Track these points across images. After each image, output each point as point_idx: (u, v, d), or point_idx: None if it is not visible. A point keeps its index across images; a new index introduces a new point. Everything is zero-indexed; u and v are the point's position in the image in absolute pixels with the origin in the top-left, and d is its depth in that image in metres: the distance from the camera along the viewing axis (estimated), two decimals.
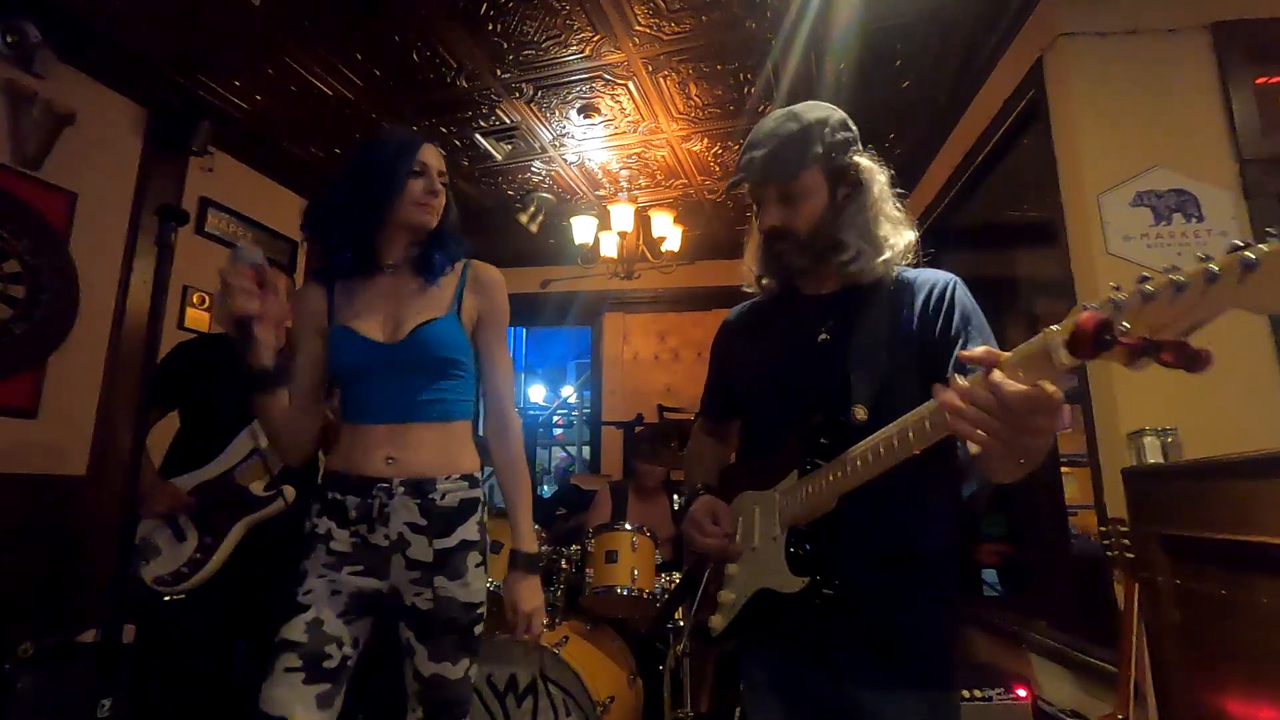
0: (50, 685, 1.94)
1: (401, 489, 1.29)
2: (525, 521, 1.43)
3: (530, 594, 1.40)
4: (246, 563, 1.87)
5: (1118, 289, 0.62)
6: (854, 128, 1.16)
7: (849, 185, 1.12)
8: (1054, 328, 0.68)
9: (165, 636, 1.90)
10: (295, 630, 1.23)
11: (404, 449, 1.31)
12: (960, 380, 0.76)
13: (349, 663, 1.27)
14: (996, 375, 0.72)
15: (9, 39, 2.39)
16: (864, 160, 1.13)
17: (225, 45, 2.71)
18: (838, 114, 1.14)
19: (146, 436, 1.83)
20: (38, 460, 2.48)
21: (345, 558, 1.29)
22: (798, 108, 1.14)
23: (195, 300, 3.10)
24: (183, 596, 1.80)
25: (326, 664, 1.23)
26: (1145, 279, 0.61)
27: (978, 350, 0.75)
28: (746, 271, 1.26)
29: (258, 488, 1.88)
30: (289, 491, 1.89)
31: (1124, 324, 0.61)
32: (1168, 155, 2.03)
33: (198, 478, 1.90)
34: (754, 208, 1.21)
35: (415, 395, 1.34)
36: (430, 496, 1.30)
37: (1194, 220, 1.97)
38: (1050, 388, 0.70)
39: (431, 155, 1.39)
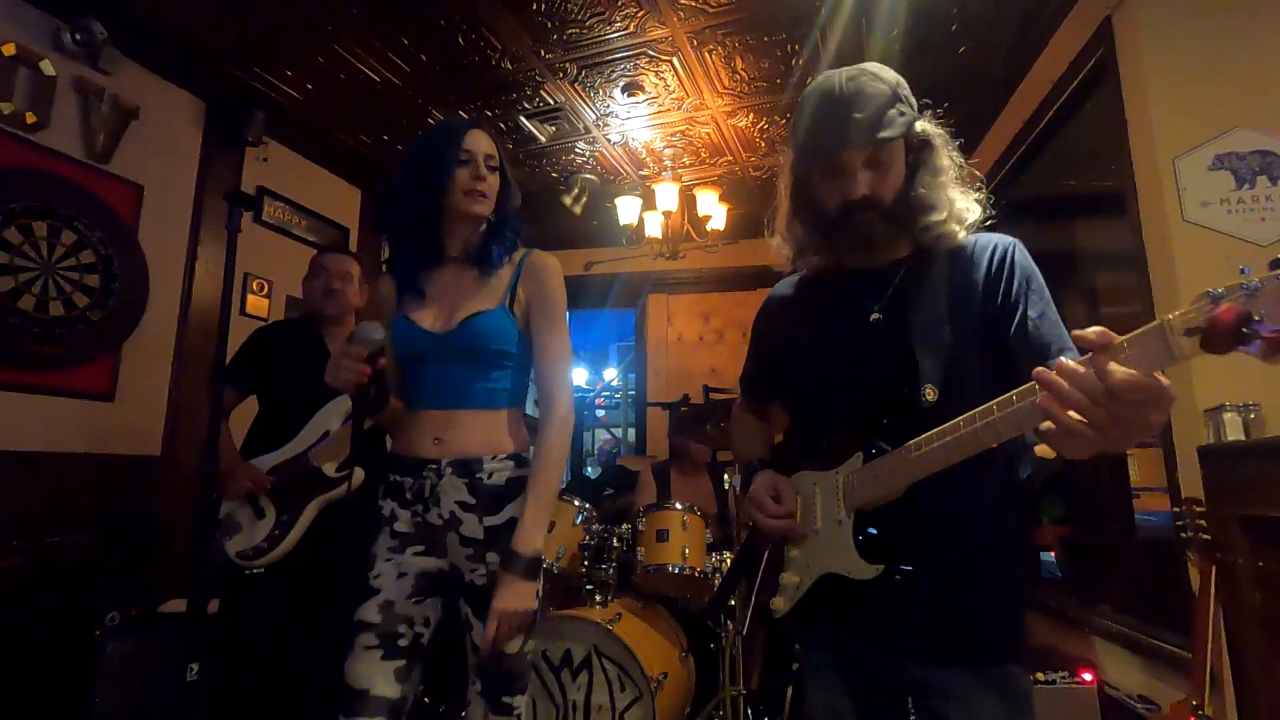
0: (137, 652, 2.06)
1: (450, 469, 1.33)
2: (533, 517, 1.28)
3: (516, 595, 1.23)
4: (321, 540, 1.95)
5: (1246, 272, 0.58)
6: None
7: (918, 150, 1.07)
8: (1172, 315, 0.64)
9: (247, 607, 2.00)
10: (369, 612, 1.31)
11: (451, 431, 1.35)
12: (1068, 362, 0.71)
13: (422, 640, 1.34)
14: (1108, 361, 0.67)
15: (77, 37, 2.48)
16: (927, 124, 1.08)
17: (277, 35, 2.77)
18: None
19: (223, 419, 1.92)
20: (116, 441, 2.61)
21: (407, 539, 1.35)
22: (872, 66, 1.07)
23: (255, 287, 3.20)
24: (262, 570, 1.89)
25: (400, 642, 1.31)
26: None
27: (1090, 331, 0.70)
28: (777, 249, 1.20)
29: (330, 469, 1.96)
30: (358, 473, 1.96)
31: (1260, 313, 0.57)
32: (1250, 115, 1.91)
33: (276, 458, 1.99)
34: (789, 178, 1.15)
35: (463, 383, 1.37)
36: (477, 476, 1.33)
37: None
38: (1165, 380, 0.66)
39: (477, 140, 1.39)
